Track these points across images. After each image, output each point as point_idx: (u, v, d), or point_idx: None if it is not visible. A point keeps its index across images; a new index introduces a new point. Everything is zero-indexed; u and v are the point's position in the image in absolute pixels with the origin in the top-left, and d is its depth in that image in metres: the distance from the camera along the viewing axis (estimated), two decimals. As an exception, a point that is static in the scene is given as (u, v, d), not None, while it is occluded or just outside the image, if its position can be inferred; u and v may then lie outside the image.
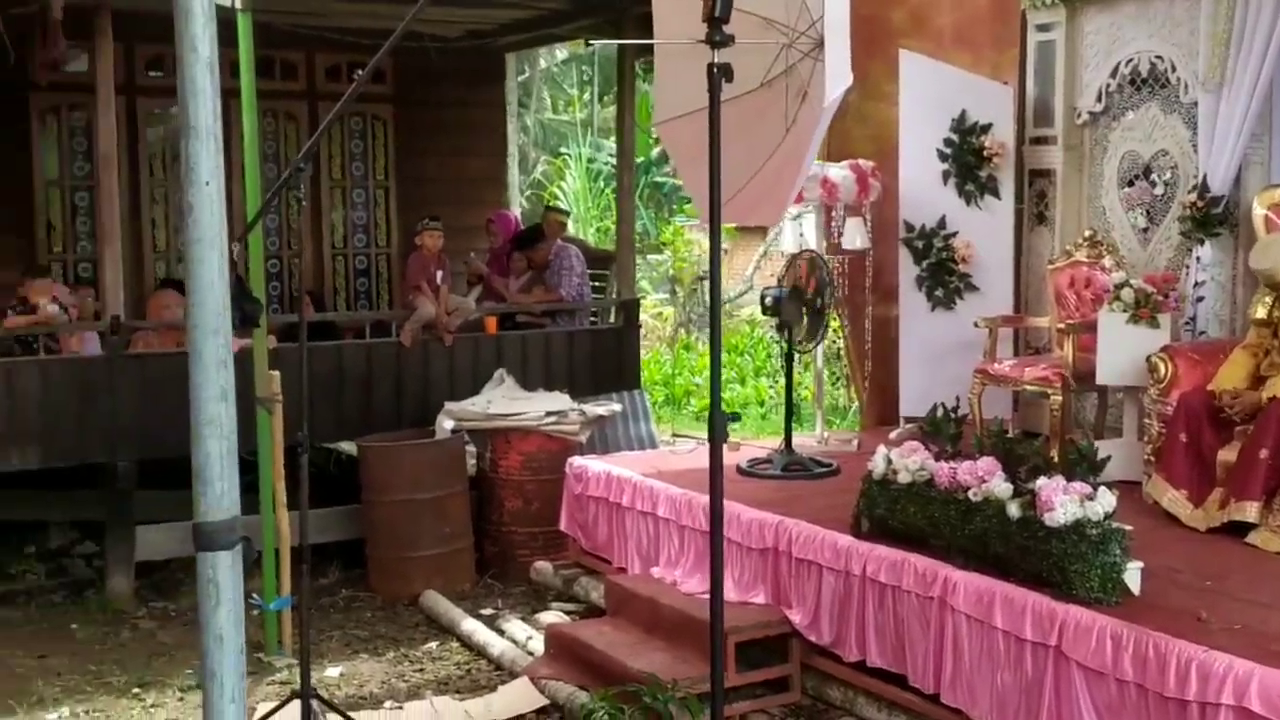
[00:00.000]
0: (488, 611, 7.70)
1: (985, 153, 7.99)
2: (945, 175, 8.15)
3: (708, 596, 6.10)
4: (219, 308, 2.60)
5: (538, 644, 6.90)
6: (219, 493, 2.65)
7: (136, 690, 6.60)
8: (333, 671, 6.83)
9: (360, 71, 4.55)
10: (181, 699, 6.47)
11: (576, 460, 7.89)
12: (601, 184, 20.43)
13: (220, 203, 2.59)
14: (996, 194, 8.05)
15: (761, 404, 14.04)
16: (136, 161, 10.17)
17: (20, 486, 8.34)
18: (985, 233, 8.10)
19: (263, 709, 5.91)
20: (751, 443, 8.49)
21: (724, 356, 9.88)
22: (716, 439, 3.83)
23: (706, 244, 18.23)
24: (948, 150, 8.11)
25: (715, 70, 3.72)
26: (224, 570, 2.69)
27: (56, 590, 8.15)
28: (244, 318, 5.46)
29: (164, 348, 8.41)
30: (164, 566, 8.30)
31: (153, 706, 6.41)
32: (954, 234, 8.14)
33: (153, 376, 7.96)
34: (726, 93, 3.74)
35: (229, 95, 2.68)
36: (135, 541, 7.98)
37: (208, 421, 2.62)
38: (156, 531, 8.06)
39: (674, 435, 11.88)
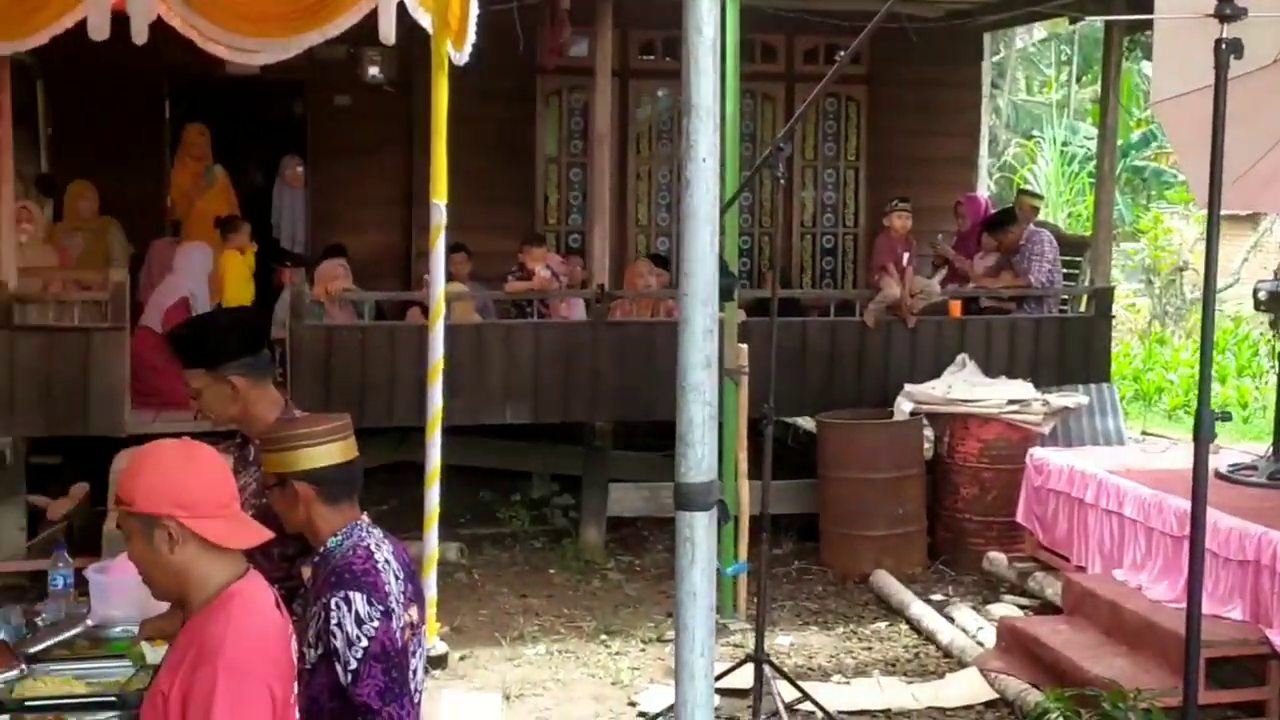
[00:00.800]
0: (937, 597, 7.65)
1: None
2: None
3: (1177, 605, 5.81)
4: (709, 279, 2.71)
5: (988, 635, 6.78)
6: (700, 456, 2.77)
7: (604, 637, 7.05)
8: (783, 640, 7.00)
9: (842, 53, 4.62)
10: (643, 650, 6.86)
11: (1037, 451, 7.66)
12: (1075, 168, 19.54)
13: (715, 179, 2.70)
14: None
15: (1244, 406, 13.02)
16: (625, 140, 10.76)
17: (511, 438, 9.08)
18: None
19: (717, 668, 6.15)
20: (1232, 447, 7.91)
21: (1207, 353, 9.24)
22: (1203, 437, 3.61)
23: (1187, 232, 17.17)
24: None
25: (1224, 46, 3.50)
26: (700, 530, 2.81)
27: (538, 537, 8.83)
28: (719, 291, 5.71)
29: (639, 316, 8.88)
30: (631, 523, 8.80)
31: (617, 654, 6.83)
32: None
33: (631, 343, 8.44)
34: (1234, 70, 3.51)
35: (717, 78, 2.79)
36: (608, 497, 8.50)
37: (692, 387, 2.74)
38: (627, 490, 8.55)
39: (1144, 433, 11.25)
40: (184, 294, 8.60)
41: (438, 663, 6.48)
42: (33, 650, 3.68)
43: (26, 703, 3.43)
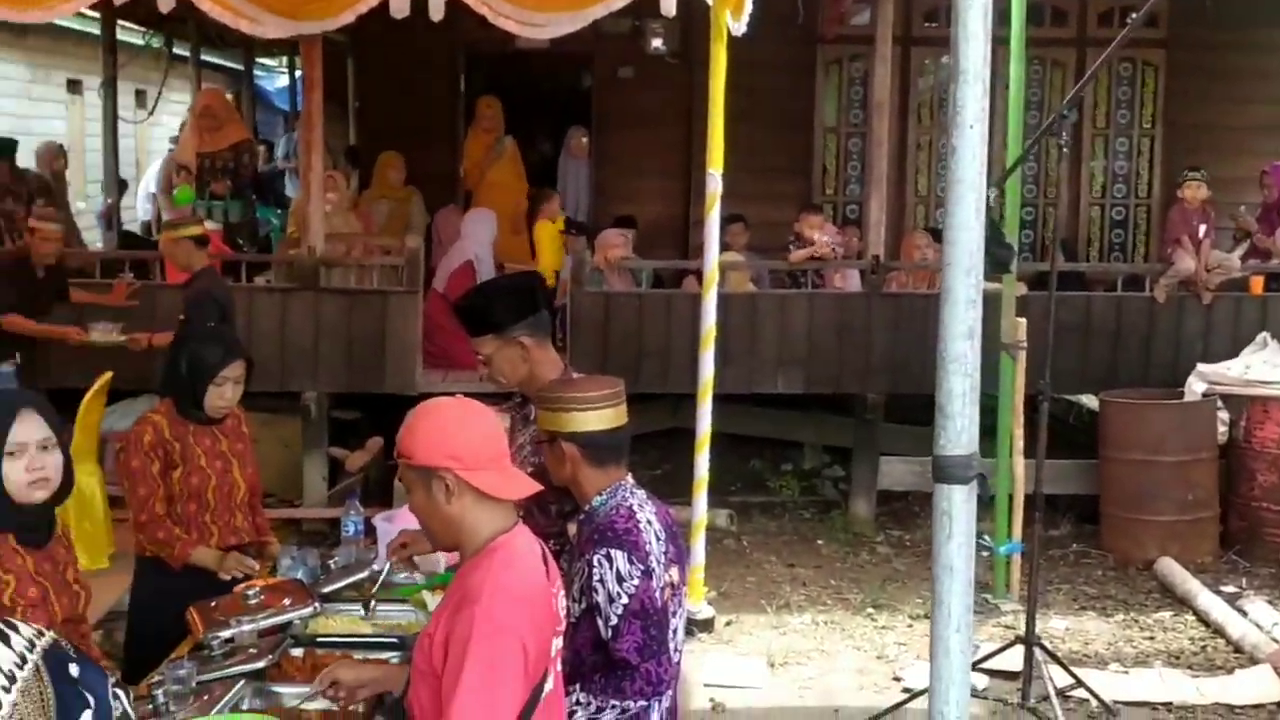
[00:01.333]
0: (1229, 589, 7.26)
1: None
2: None
3: None
4: (973, 248, 2.66)
5: (1284, 632, 6.41)
6: (959, 428, 2.73)
7: (870, 610, 7.01)
8: (1058, 624, 6.80)
9: (1134, 15, 4.41)
10: (910, 626, 6.78)
11: (1346, 439, 7.16)
12: None
13: (982, 146, 2.65)
14: None
15: None
16: (906, 110, 10.59)
17: (782, 408, 9.11)
18: None
19: (985, 648, 6.05)
20: None
21: None
22: None
23: None
24: None
25: None
26: (958, 504, 2.77)
27: (807, 507, 8.82)
28: (995, 262, 5.57)
29: (915, 288, 8.74)
30: (902, 497, 8.68)
31: (883, 628, 6.78)
32: None
33: (905, 315, 8.32)
34: None
35: (997, 42, 2.71)
36: (878, 470, 8.42)
37: (953, 358, 2.71)
38: (898, 463, 8.44)
39: None
40: (469, 258, 8.97)
41: (704, 626, 6.60)
42: (326, 590, 3.96)
43: (318, 638, 3.71)
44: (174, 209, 9.61)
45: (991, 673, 5.97)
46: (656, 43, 10.14)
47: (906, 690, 5.83)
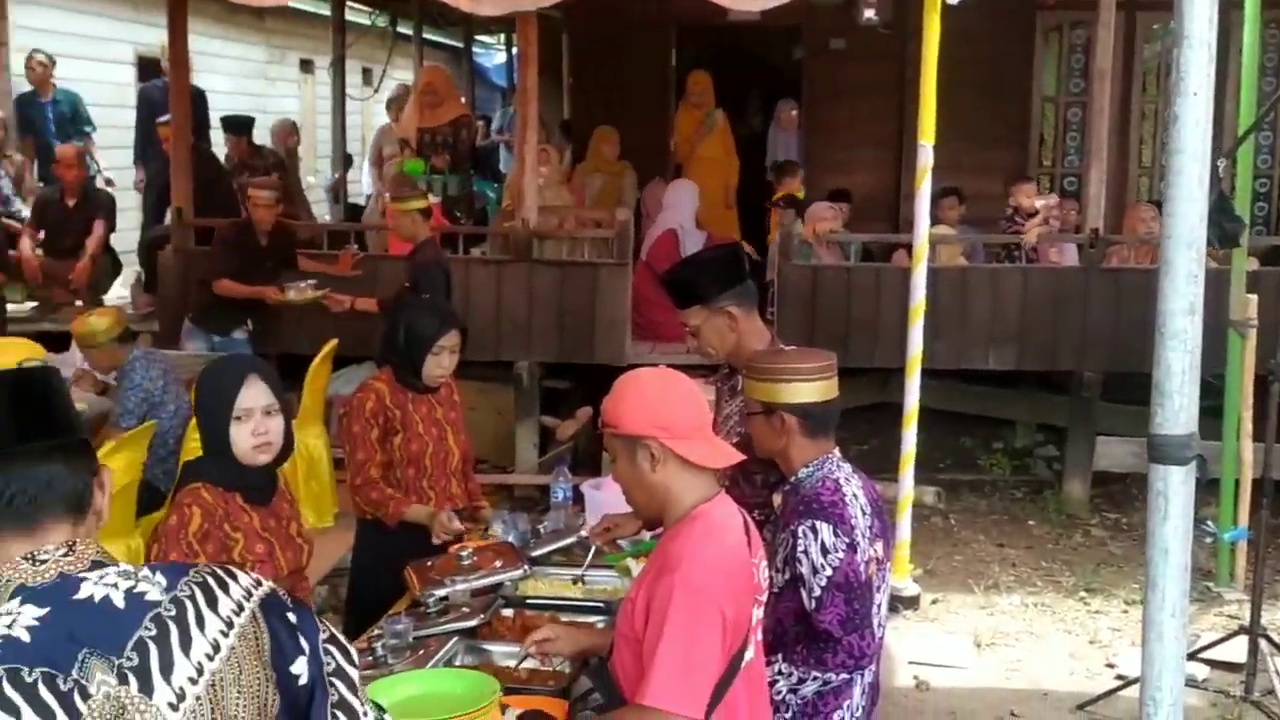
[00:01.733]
0: None
1: None
2: None
3: None
4: (1194, 221, 2.57)
5: None
6: (1177, 407, 2.65)
7: (1083, 594, 6.82)
8: (1286, 615, 6.50)
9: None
10: (1125, 611, 6.57)
11: None
12: None
13: (1206, 115, 2.55)
14: None
15: None
16: (1130, 78, 10.18)
17: (994, 385, 8.90)
18: None
19: (1206, 638, 5.82)
20: None
21: None
22: None
23: None
24: None
25: None
26: (1175, 485, 2.69)
27: (1018, 486, 8.60)
28: (1223, 236, 5.33)
29: (1138, 263, 8.41)
30: (1120, 479, 8.39)
31: (1096, 612, 6.59)
32: None
33: (1125, 290, 8.01)
34: None
35: (1231, 6, 2.61)
36: (1094, 450, 8.15)
37: (1172, 335, 2.63)
38: (1115, 444, 8.14)
39: None
40: (672, 226, 9.03)
41: (909, 603, 6.53)
42: (535, 554, 4.08)
43: (528, 600, 3.82)
44: (382, 181, 9.97)
45: (1213, 663, 5.75)
46: (869, 13, 9.98)
47: (1120, 677, 5.66)
